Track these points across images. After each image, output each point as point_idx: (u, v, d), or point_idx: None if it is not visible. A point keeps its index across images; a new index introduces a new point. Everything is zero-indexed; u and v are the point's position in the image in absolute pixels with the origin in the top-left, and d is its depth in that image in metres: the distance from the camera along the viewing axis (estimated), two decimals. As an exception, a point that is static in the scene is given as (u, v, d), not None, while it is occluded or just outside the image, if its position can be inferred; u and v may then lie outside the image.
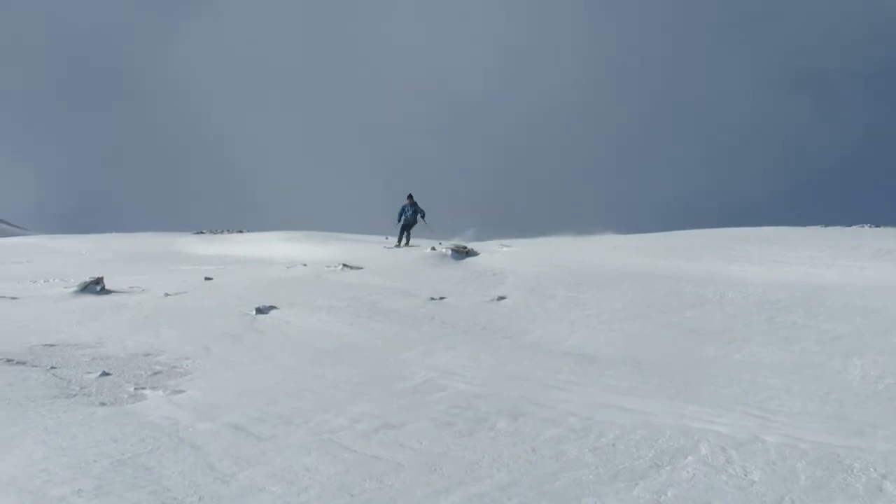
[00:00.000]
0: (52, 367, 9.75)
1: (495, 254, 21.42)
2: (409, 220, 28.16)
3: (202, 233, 41.60)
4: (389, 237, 29.50)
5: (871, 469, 5.79)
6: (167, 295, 15.81)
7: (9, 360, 9.97)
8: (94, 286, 16.72)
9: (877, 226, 25.92)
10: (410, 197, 28.15)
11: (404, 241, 28.23)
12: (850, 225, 26.42)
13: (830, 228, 24.35)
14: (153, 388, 8.88)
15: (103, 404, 8.16)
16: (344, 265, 19.08)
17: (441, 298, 14.70)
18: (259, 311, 13.62)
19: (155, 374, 9.66)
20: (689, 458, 6.15)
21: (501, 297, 14.62)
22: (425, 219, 27.99)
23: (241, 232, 40.83)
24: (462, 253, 20.83)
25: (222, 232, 41.81)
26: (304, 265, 20.82)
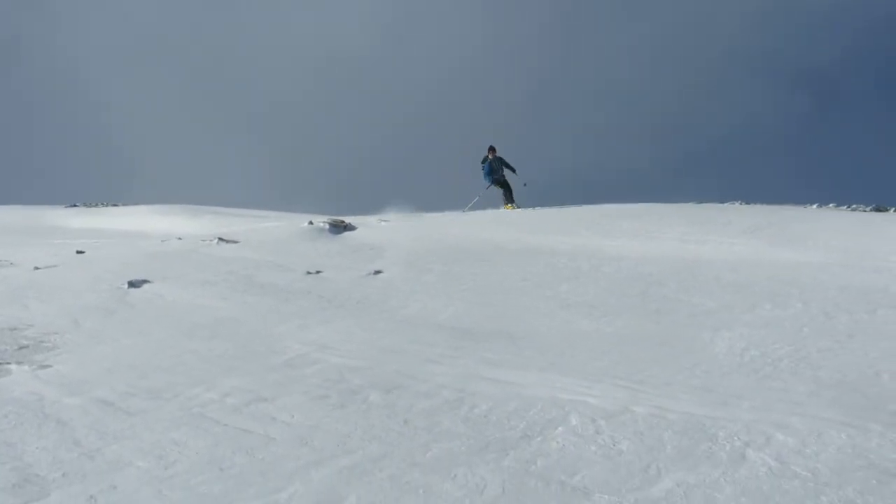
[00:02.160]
0: (-88, 342, 9.44)
1: (373, 228, 21.38)
2: (498, 173, 25.55)
3: (75, 206, 40.58)
4: (467, 207, 26.11)
5: (735, 438, 5.95)
6: (36, 269, 15.39)
7: None
8: (-42, 259, 16.22)
9: (748, 202, 26.55)
10: (493, 149, 25.62)
11: (506, 199, 25.62)
12: (723, 202, 27.02)
13: (704, 205, 24.88)
14: (18, 362, 8.65)
15: (-35, 379, 7.94)
16: (220, 239, 18.83)
17: (317, 273, 14.62)
18: (132, 284, 13.36)
19: (21, 348, 9.40)
20: (560, 428, 6.24)
21: (378, 272, 14.60)
22: (516, 172, 25.60)
23: (116, 205, 39.96)
24: (339, 227, 20.76)
25: (97, 205, 40.84)
26: (179, 239, 20.48)
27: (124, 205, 39.23)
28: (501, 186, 25.88)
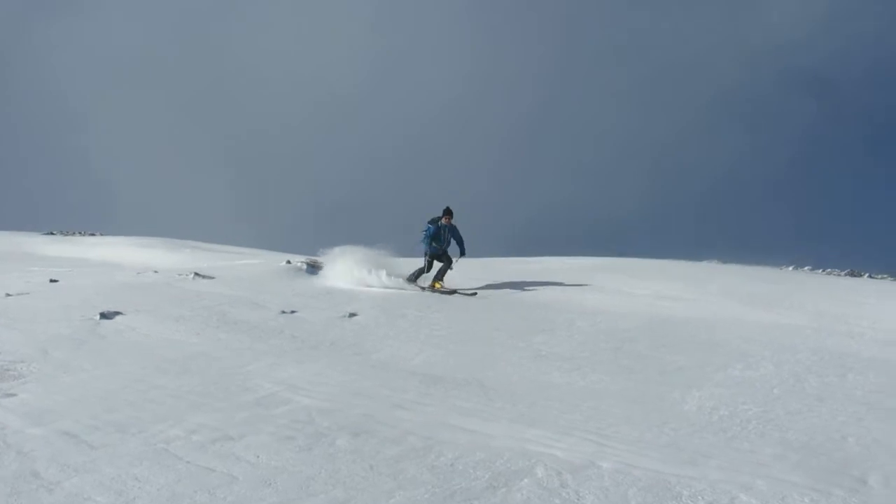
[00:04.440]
0: None
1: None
2: (444, 248, 19.92)
3: (52, 233, 40.43)
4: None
5: (699, 497, 5.94)
6: (8, 295, 15.29)
7: None
8: (-70, 283, 16.09)
9: (724, 262, 26.73)
10: (449, 214, 19.80)
11: (433, 277, 19.77)
12: (700, 259, 27.18)
13: (680, 262, 25.01)
14: (-17, 390, 8.58)
15: (-71, 405, 7.85)
16: (196, 274, 18.76)
17: (292, 312, 14.57)
18: (104, 315, 13.28)
19: (-13, 376, 9.32)
20: (525, 480, 6.22)
21: (353, 314, 14.56)
22: (462, 252, 20.02)
23: (93, 234, 39.82)
24: (317, 268, 20.73)
25: (74, 234, 40.72)
26: (156, 272, 20.38)
27: (102, 234, 39.07)
28: (438, 260, 20.02)
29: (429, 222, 20.04)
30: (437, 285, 19.56)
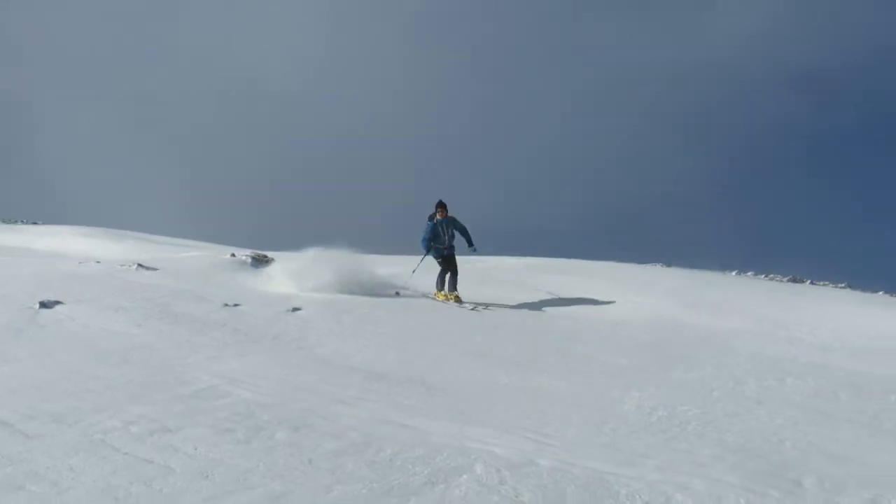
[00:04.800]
0: None
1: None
2: (448, 245, 18.21)
3: (-6, 221, 39.85)
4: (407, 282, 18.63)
5: (636, 496, 5.99)
6: (-55, 283, 15.06)
7: None
8: None
9: (668, 265, 26.94)
10: (442, 207, 18.25)
11: (448, 285, 17.95)
12: (644, 262, 27.37)
13: (625, 265, 25.17)
14: (-83, 377, 8.45)
15: None
16: (139, 265, 18.58)
17: (235, 305, 14.48)
18: (43, 305, 13.11)
19: (-78, 363, 9.19)
20: (464, 476, 6.22)
21: (296, 309, 14.51)
22: (469, 243, 18.37)
23: (36, 223, 39.31)
24: (262, 261, 20.64)
25: (16, 222, 40.18)
26: (98, 262, 20.16)
27: (45, 223, 38.59)
28: (446, 263, 18.30)
29: (428, 219, 18.49)
30: (452, 297, 17.55)
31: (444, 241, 18.22)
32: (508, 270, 21.73)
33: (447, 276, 18.15)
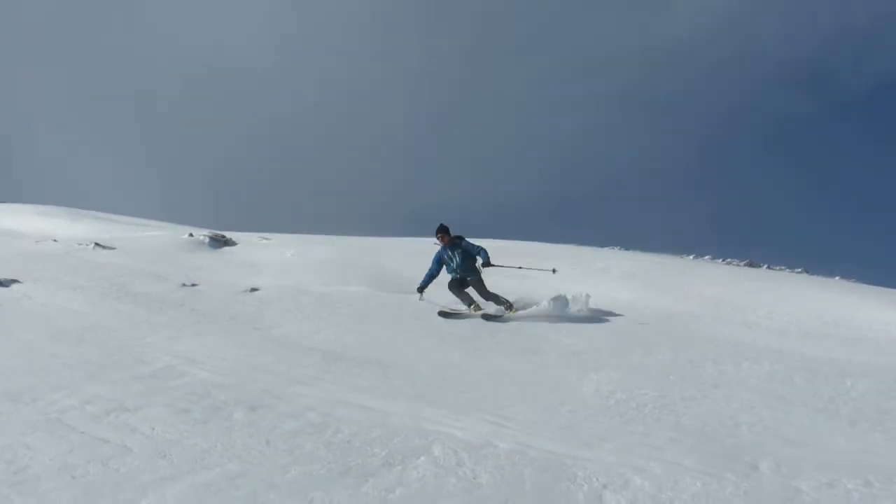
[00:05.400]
0: None
1: (254, 246, 21.21)
2: (462, 270, 15.16)
3: (-51, 199, 39.38)
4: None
5: (594, 479, 6.03)
6: None
7: None
8: None
9: (626, 248, 27.10)
10: (445, 233, 15.40)
11: (473, 303, 14.82)
12: (602, 246, 27.51)
13: (583, 248, 25.28)
14: None
15: None
16: (96, 244, 18.47)
17: (193, 285, 14.43)
18: (0, 283, 13.02)
19: None
20: (422, 458, 6.24)
21: (255, 289, 14.47)
22: (486, 260, 15.08)
23: (-9, 202, 38.89)
24: (220, 241, 20.58)
25: (-28, 200, 39.73)
26: (55, 241, 20.01)
27: (2, 202, 38.18)
28: (463, 285, 15.36)
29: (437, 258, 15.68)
30: (474, 309, 14.76)
31: (455, 270, 15.30)
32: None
33: (463, 293, 15.15)
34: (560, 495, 5.69)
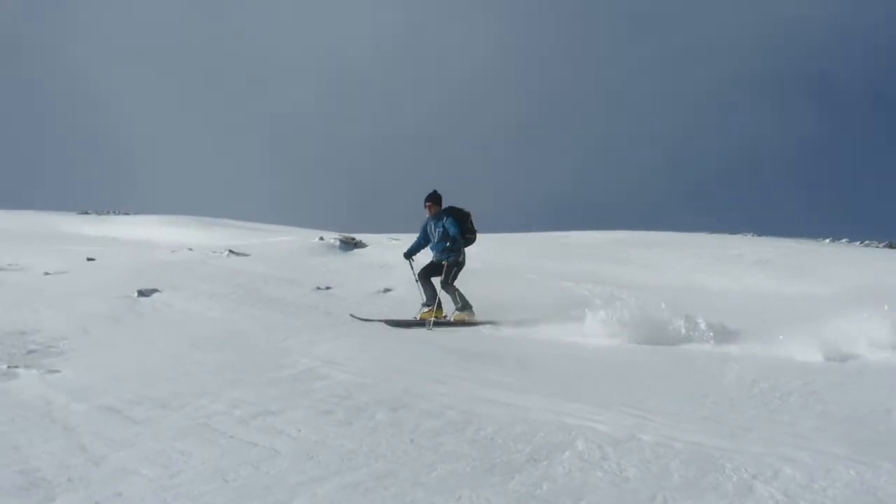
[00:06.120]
0: (-78, 343, 9.46)
1: (384, 247, 21.40)
2: (438, 250, 13.28)
3: (87, 213, 40.75)
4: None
5: (742, 470, 5.91)
6: (47, 274, 15.46)
7: None
8: (-30, 262, 16.26)
9: (759, 235, 26.60)
10: (434, 202, 13.35)
11: (431, 304, 12.97)
12: (734, 233, 27.05)
13: (715, 235, 24.88)
14: (27, 366, 8.66)
15: (-27, 381, 7.94)
16: (230, 251, 18.87)
17: (327, 288, 14.64)
18: (141, 293, 13.40)
19: (30, 352, 9.43)
20: (566, 453, 6.20)
21: (388, 290, 14.60)
22: (452, 249, 13.10)
23: (127, 214, 40.10)
24: (350, 244, 20.82)
25: (108, 213, 41.03)
26: (190, 250, 20.52)
27: (135, 213, 39.33)
28: (429, 275, 13.32)
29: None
30: (435, 314, 12.88)
31: (436, 246, 13.36)
32: (593, 245, 21.61)
33: (427, 289, 13.21)
34: (709, 487, 5.59)
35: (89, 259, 18.44)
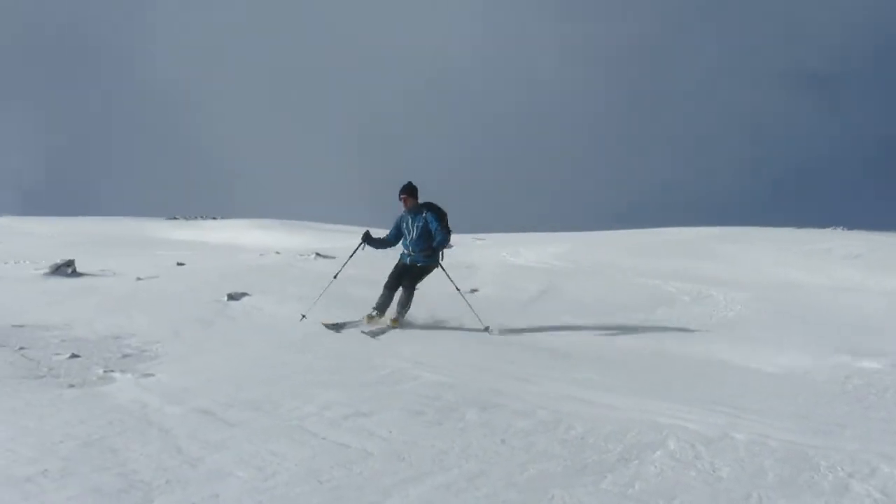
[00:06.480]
0: (21, 348, 9.68)
1: (470, 247, 21.44)
2: (415, 249, 12.64)
3: (175, 218, 41.51)
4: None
5: (838, 468, 5.83)
6: (139, 279, 15.74)
7: (-23, 340, 9.90)
8: (66, 268, 16.61)
9: (849, 229, 26.14)
10: (409, 194, 12.51)
11: (379, 308, 12.43)
12: (823, 227, 26.65)
13: (803, 230, 24.53)
14: (122, 371, 8.82)
15: (72, 386, 8.10)
16: (317, 254, 19.06)
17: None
18: (231, 297, 13.58)
19: (124, 357, 9.61)
20: (658, 452, 6.17)
21: (474, 290, 14.63)
22: (439, 249, 12.71)
23: (214, 219, 40.72)
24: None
25: (196, 218, 41.73)
26: (277, 253, 20.78)
27: (223, 218, 39.91)
28: (399, 275, 12.73)
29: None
30: (393, 321, 12.11)
31: (410, 243, 12.73)
32: (686, 241, 21.43)
33: (396, 294, 12.57)
34: (805, 486, 5.52)
35: (179, 264, 18.74)
